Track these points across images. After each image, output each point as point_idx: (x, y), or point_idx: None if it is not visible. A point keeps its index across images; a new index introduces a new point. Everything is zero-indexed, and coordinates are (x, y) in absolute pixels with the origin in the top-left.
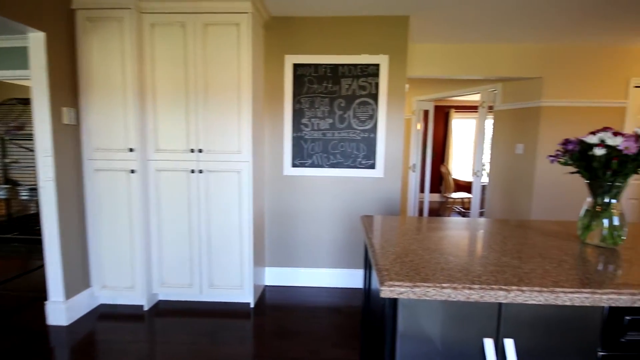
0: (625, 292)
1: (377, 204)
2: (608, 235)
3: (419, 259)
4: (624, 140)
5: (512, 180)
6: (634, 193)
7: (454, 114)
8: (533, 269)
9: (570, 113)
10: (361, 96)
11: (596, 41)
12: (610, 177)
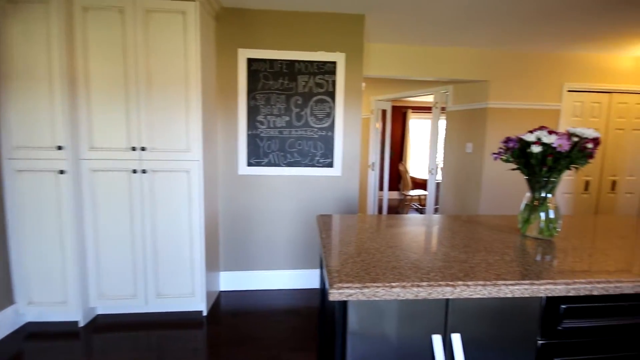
0: (560, 282)
1: (335, 203)
2: (545, 227)
3: (371, 258)
4: (558, 138)
5: (463, 178)
6: (568, 188)
7: (411, 114)
8: (478, 262)
9: (513, 114)
10: (318, 94)
11: (536, 48)
12: (546, 173)
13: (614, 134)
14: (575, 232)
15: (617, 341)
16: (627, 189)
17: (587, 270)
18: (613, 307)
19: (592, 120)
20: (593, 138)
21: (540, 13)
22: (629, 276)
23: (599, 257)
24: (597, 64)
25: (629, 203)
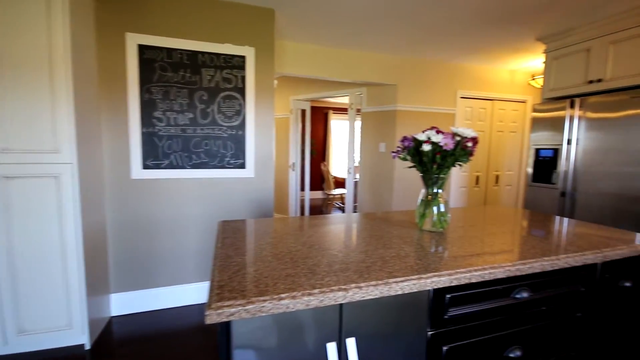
0: (444, 274)
1: (249, 206)
2: (437, 220)
3: (266, 267)
4: (444, 137)
5: (377, 176)
6: (463, 182)
7: (332, 115)
8: (374, 261)
9: (418, 117)
10: (226, 89)
11: (435, 57)
12: (436, 170)
13: (496, 135)
14: (463, 223)
15: (495, 322)
16: (507, 182)
17: (468, 258)
18: (490, 291)
19: (479, 124)
20: (472, 137)
21: (431, 25)
22: (502, 261)
23: (479, 245)
24: (482, 75)
25: (509, 194)
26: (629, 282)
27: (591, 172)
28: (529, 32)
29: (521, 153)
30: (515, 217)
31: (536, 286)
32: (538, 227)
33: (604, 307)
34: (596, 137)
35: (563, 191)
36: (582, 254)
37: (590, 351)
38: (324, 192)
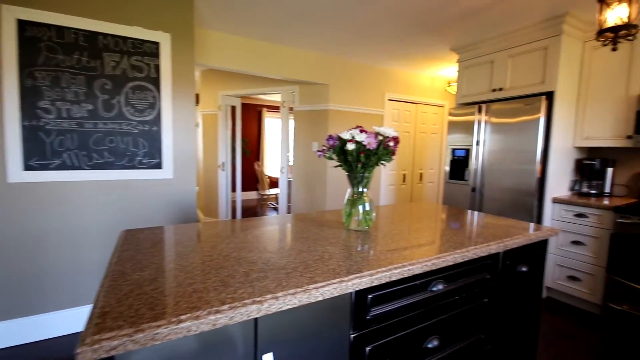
0: (365, 275)
1: (167, 211)
2: (363, 219)
3: (168, 283)
4: (367, 136)
5: (311, 175)
6: (392, 180)
7: (266, 113)
8: (296, 266)
9: (350, 117)
10: (136, 79)
11: (365, 60)
12: (361, 169)
13: (419, 136)
14: (388, 220)
15: (415, 316)
16: (429, 179)
17: (390, 256)
18: (409, 287)
19: (405, 125)
20: (393, 137)
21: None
22: (420, 257)
23: (401, 242)
24: (407, 79)
25: (431, 190)
26: (525, 267)
27: (495, 169)
28: (443, 43)
29: (441, 153)
30: (433, 213)
31: (450, 278)
32: (452, 222)
33: (505, 291)
34: (498, 139)
35: (473, 187)
36: (487, 245)
37: (495, 331)
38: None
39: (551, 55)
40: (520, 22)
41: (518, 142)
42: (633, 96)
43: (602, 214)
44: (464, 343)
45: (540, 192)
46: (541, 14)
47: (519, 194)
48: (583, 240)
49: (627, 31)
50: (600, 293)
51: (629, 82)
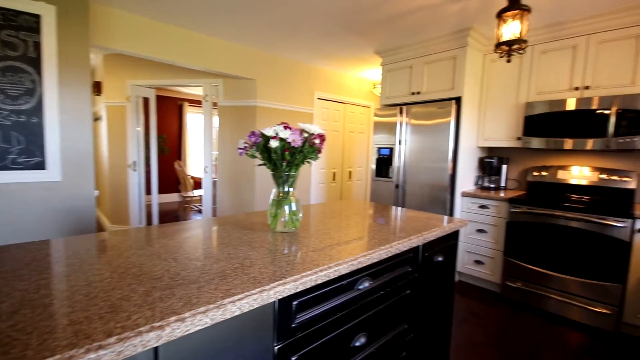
0: (289, 281)
1: (55, 220)
2: (289, 220)
3: (36, 316)
4: (292, 133)
5: (238, 175)
6: (322, 179)
7: (188, 107)
8: (211, 278)
9: (280, 114)
10: (8, 58)
11: (295, 57)
12: (286, 167)
13: (348, 135)
14: (316, 219)
15: (342, 316)
16: (358, 177)
17: (316, 257)
18: (336, 288)
19: (335, 124)
20: (319, 134)
21: (284, 23)
22: (346, 256)
23: (327, 241)
24: (336, 79)
25: (359, 188)
26: (441, 257)
27: (415, 167)
28: (369, 45)
29: (368, 151)
30: (360, 210)
31: (376, 274)
32: (378, 218)
33: (425, 281)
34: (418, 140)
35: (397, 184)
36: (408, 239)
37: (417, 320)
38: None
39: (459, 65)
40: (433, 32)
41: (434, 142)
42: (521, 103)
43: (499, 205)
44: (390, 336)
45: (452, 187)
46: (450, 26)
47: (435, 189)
48: (485, 229)
49: (519, 45)
50: (499, 273)
51: (518, 92)
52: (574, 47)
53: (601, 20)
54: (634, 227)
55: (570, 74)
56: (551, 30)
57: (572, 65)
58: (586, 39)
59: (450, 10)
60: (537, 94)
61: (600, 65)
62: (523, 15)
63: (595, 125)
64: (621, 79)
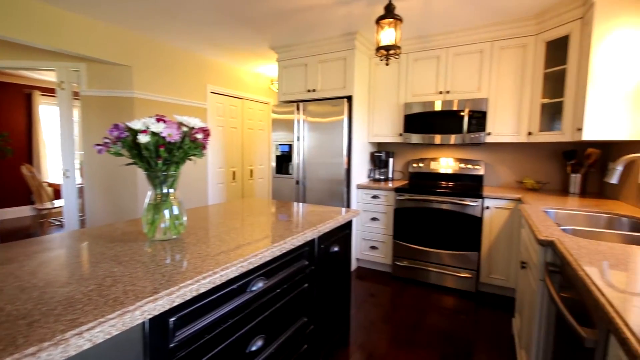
0: (162, 296)
1: None
2: (171, 226)
3: None
4: (166, 127)
5: (114, 178)
6: (221, 179)
7: (40, 97)
8: (50, 309)
9: (164, 108)
10: None
11: (182, 45)
12: (162, 165)
13: (247, 132)
14: (207, 222)
15: (235, 322)
16: (260, 175)
17: (200, 264)
18: (226, 293)
19: (232, 120)
20: (201, 128)
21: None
22: (236, 258)
23: (217, 245)
24: (232, 73)
25: (262, 186)
26: (336, 247)
27: (313, 163)
28: (263, 40)
29: (269, 149)
30: (258, 208)
31: (270, 273)
32: (276, 215)
33: (322, 272)
34: (315, 136)
35: (297, 180)
36: (303, 233)
37: (316, 311)
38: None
39: (349, 65)
40: (325, 32)
41: (330, 139)
42: (401, 104)
43: (387, 194)
44: (290, 332)
45: (348, 180)
46: (339, 29)
47: (333, 183)
48: (378, 217)
49: (394, 50)
50: (390, 255)
51: (398, 93)
52: (438, 58)
53: (455, 37)
54: (483, 205)
55: (436, 80)
56: (421, 42)
57: (437, 73)
58: (445, 51)
59: (337, 13)
60: (413, 96)
61: (456, 74)
62: (397, 24)
63: (455, 124)
64: (470, 86)
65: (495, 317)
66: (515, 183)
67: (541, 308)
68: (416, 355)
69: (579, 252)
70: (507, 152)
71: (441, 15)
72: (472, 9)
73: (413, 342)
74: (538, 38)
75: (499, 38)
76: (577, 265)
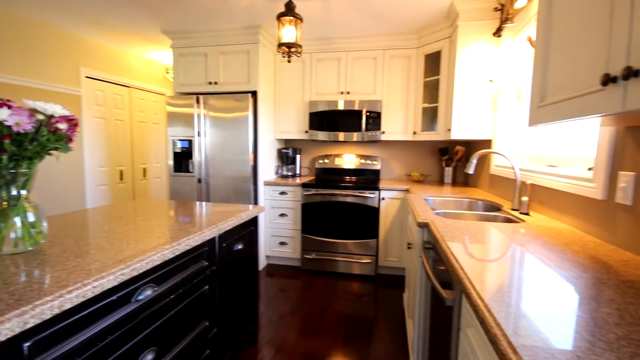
0: (10, 317)
1: None
2: (25, 236)
3: None
4: (12, 113)
5: None
6: (104, 179)
7: None
8: None
9: (24, 93)
10: None
11: (46, 17)
12: (9, 162)
13: (138, 126)
14: (77, 229)
15: (117, 337)
16: (156, 174)
17: (65, 277)
18: (102, 307)
19: (117, 111)
20: (64, 117)
21: None
22: (114, 266)
23: (91, 253)
24: (116, 57)
25: (158, 186)
26: (241, 245)
27: (218, 160)
28: (154, 22)
29: (166, 145)
30: (150, 209)
31: (162, 278)
32: (173, 215)
33: (225, 272)
34: (218, 132)
35: (199, 178)
36: (201, 233)
37: (220, 313)
38: None
39: (253, 60)
40: (226, 23)
41: (234, 135)
42: (307, 102)
43: (295, 190)
44: (189, 339)
45: (255, 177)
46: (243, 20)
47: (239, 181)
48: (286, 212)
49: (295, 49)
50: (299, 250)
51: (304, 91)
52: (339, 60)
53: (354, 42)
54: (380, 197)
55: (337, 80)
56: (323, 43)
57: (338, 74)
58: (346, 54)
59: (240, 4)
60: (317, 94)
61: (355, 76)
62: (297, 23)
63: (356, 122)
64: (367, 88)
65: (391, 295)
66: (405, 176)
67: (421, 280)
68: (322, 340)
69: (445, 230)
70: (398, 149)
71: (339, 21)
72: (366, 18)
73: (320, 329)
74: (419, 51)
75: (389, 47)
76: (443, 240)
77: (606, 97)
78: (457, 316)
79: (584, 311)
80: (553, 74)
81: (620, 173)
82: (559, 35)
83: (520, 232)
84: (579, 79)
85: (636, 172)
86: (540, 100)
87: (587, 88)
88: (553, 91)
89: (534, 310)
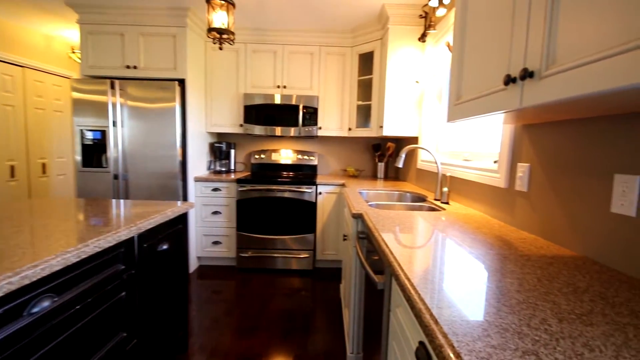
0: None
1: None
2: None
3: None
4: None
5: None
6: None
7: None
8: None
9: None
10: None
11: None
12: None
13: (34, 113)
14: None
15: None
16: (58, 170)
17: None
18: None
19: (7, 95)
20: None
21: None
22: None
23: None
24: (5, 30)
25: (63, 184)
26: (166, 245)
27: (139, 154)
28: None
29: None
30: (50, 209)
31: (63, 286)
32: (82, 215)
33: (147, 276)
34: (139, 124)
35: (116, 174)
36: (115, 232)
37: (141, 321)
38: None
39: (179, 45)
40: (148, 0)
41: (159, 128)
42: (241, 94)
43: (229, 186)
44: (101, 353)
45: (184, 173)
46: (167, 0)
47: (165, 178)
48: (220, 210)
49: (227, 36)
50: (234, 248)
51: (238, 83)
52: (275, 52)
53: (290, 35)
54: (317, 192)
55: (273, 73)
56: (258, 34)
57: (275, 67)
58: (282, 47)
59: None
60: (253, 87)
61: (291, 70)
62: (229, 8)
63: (293, 117)
64: (304, 83)
65: (329, 287)
66: (341, 171)
67: (355, 268)
68: (259, 339)
69: (377, 219)
70: (335, 144)
71: (275, 12)
72: (302, 13)
73: (257, 328)
74: (353, 50)
75: (325, 44)
76: (375, 229)
77: (507, 96)
78: (387, 298)
79: (491, 282)
80: (467, 76)
81: (519, 164)
82: (471, 42)
83: (442, 220)
84: (487, 80)
85: (530, 163)
86: (457, 99)
87: (493, 87)
88: (467, 91)
89: (452, 286)
